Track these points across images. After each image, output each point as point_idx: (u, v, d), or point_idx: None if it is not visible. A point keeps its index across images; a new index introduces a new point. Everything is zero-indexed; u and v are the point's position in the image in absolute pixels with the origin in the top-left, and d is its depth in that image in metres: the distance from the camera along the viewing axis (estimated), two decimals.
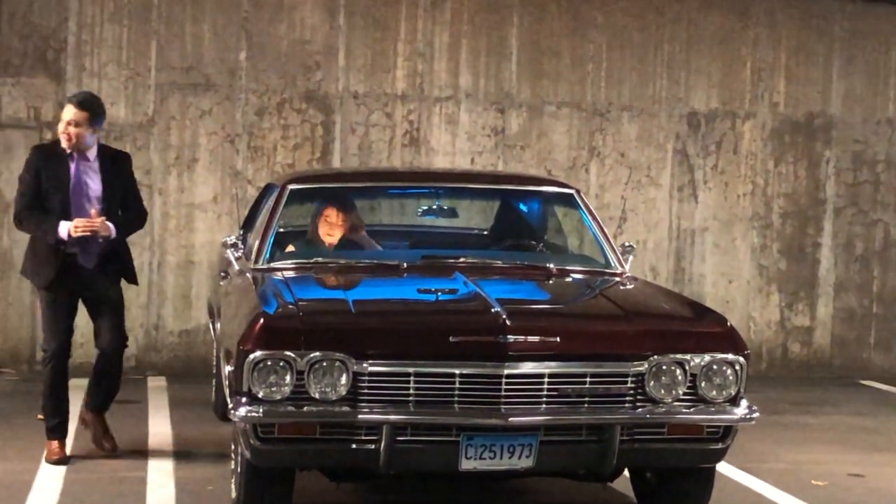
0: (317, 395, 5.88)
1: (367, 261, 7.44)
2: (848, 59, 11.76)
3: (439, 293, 6.80)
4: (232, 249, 7.65)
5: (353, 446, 5.94)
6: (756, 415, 6.23)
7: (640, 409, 6.07)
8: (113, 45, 10.72)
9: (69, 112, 7.56)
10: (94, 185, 7.63)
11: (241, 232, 8.53)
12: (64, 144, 7.54)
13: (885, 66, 11.84)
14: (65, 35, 10.66)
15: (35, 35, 10.65)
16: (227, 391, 6.44)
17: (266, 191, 8.58)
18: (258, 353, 5.87)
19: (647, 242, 11.46)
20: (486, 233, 8.80)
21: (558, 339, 6.05)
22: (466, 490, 7.07)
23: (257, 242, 7.46)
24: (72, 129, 7.50)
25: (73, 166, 7.55)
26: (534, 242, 8.06)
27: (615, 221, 11.36)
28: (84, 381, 10.18)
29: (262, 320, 6.03)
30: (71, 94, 7.96)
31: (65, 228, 7.44)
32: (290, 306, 6.27)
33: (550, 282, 7.27)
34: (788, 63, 11.68)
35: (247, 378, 5.87)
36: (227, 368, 6.36)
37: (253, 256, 7.37)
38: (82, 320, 10.67)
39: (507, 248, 7.92)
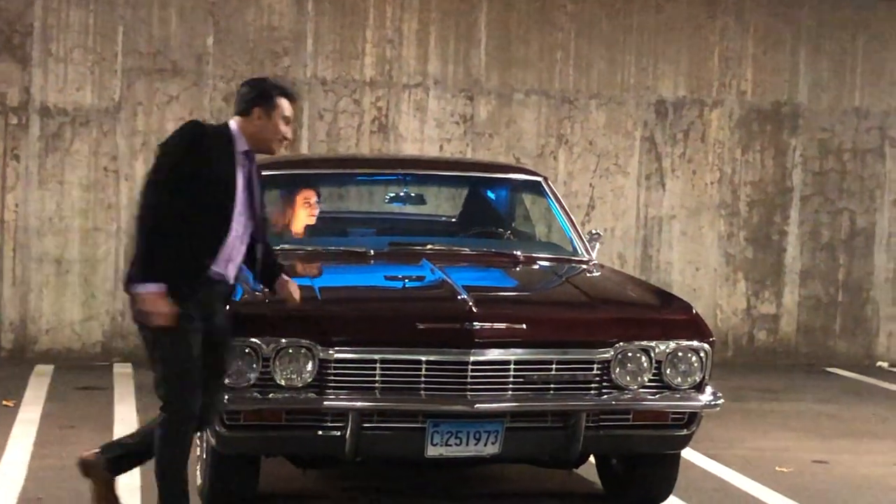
0: (283, 382, 5.88)
1: (333, 248, 7.43)
2: (815, 48, 11.81)
3: (406, 280, 6.81)
4: None
5: (319, 433, 5.95)
6: (721, 401, 6.27)
7: (605, 396, 6.10)
8: (79, 29, 10.67)
9: (288, 107, 5.87)
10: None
11: None
12: (275, 148, 5.92)
13: (852, 54, 11.89)
14: (31, 20, 10.59)
15: (0, 19, 10.58)
16: None
17: None
18: None
19: (615, 230, 11.48)
20: (453, 220, 8.80)
21: (524, 326, 6.07)
22: (432, 477, 7.07)
23: None
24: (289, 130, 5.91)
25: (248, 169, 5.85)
26: (501, 230, 8.08)
27: (583, 209, 11.39)
28: (48, 368, 10.18)
29: (228, 307, 6.01)
30: (281, 83, 6.00)
31: None
32: (256, 293, 6.26)
33: (517, 269, 7.29)
34: (756, 52, 11.72)
35: None
36: None
37: None
38: (48, 307, 10.64)
39: (474, 235, 7.92)
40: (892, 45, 11.92)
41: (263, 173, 7.74)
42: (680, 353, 6.17)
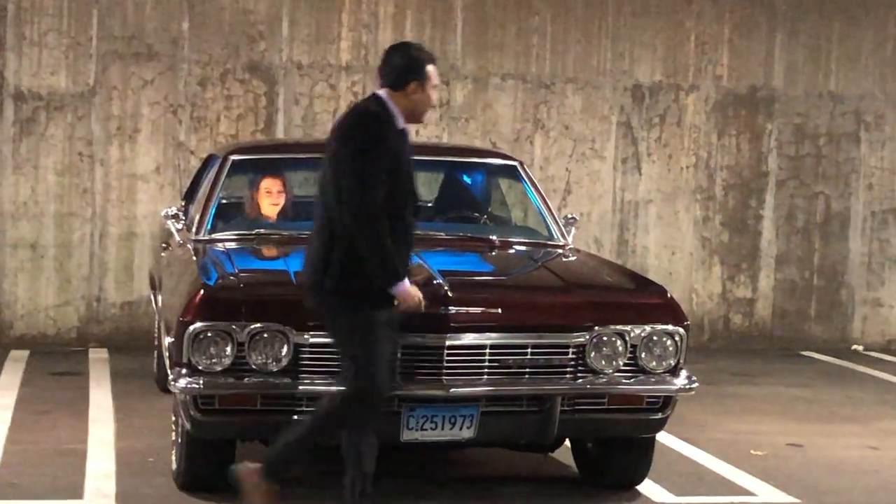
0: (257, 367, 5.88)
1: (309, 232, 7.39)
2: (790, 33, 11.82)
3: None
4: (173, 221, 7.62)
5: (295, 417, 5.94)
6: (695, 385, 6.29)
7: (580, 380, 6.11)
8: (54, 13, 10.60)
9: (436, 73, 5.63)
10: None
11: (183, 203, 8.50)
12: (424, 119, 5.77)
13: (827, 39, 11.90)
14: (4, 3, 10.52)
15: None
16: (167, 363, 6.42)
17: (208, 162, 8.54)
18: (198, 325, 5.86)
19: (591, 214, 11.49)
20: (429, 204, 8.79)
21: (500, 311, 6.08)
22: (408, 461, 7.08)
23: (199, 214, 7.44)
24: None
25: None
26: (477, 214, 8.07)
27: (559, 194, 11.39)
28: (23, 353, 10.14)
29: (202, 291, 6.01)
30: (425, 48, 5.79)
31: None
32: (231, 277, 6.26)
33: (493, 254, 7.30)
34: (732, 36, 11.73)
35: (187, 349, 5.86)
36: (168, 340, 6.34)
37: (194, 228, 7.34)
38: (23, 293, 10.60)
39: (450, 219, 7.92)
40: (868, 29, 11.94)
41: (237, 158, 7.79)
42: (655, 337, 6.19)
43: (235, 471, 5.74)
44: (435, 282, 6.15)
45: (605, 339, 6.13)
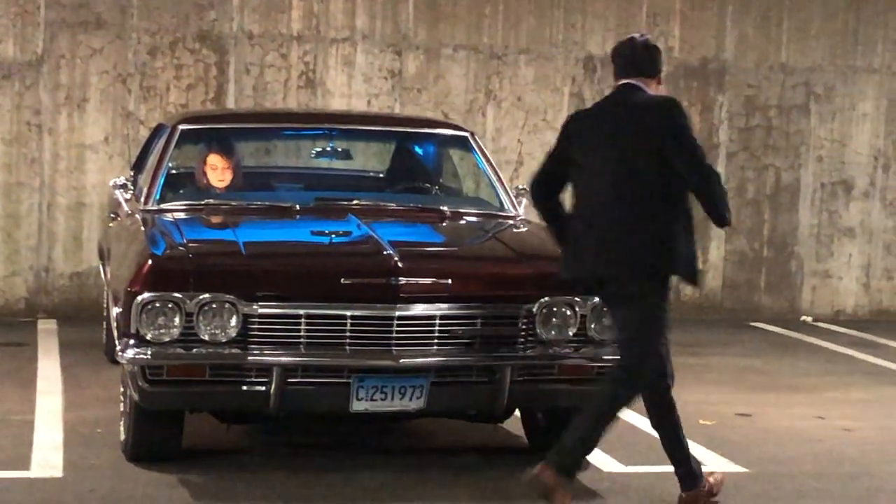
0: (206, 337, 5.86)
1: (259, 203, 7.37)
2: (742, 5, 11.85)
3: (332, 235, 6.80)
4: (121, 191, 7.58)
5: (244, 388, 5.94)
6: None
7: (530, 351, 6.14)
8: None
9: None
10: None
11: (132, 173, 8.44)
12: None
13: (778, 11, 11.94)
14: None
15: None
16: (115, 333, 6.38)
17: (157, 131, 8.48)
18: (146, 295, 5.83)
19: None
20: (381, 175, 8.78)
21: (450, 281, 6.09)
22: (358, 432, 7.08)
23: (147, 184, 7.39)
24: None
25: None
26: (428, 185, 8.07)
27: (512, 165, 11.39)
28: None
29: (150, 261, 5.99)
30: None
31: None
32: (180, 247, 6.23)
33: (444, 224, 7.29)
34: (683, 8, 11.74)
35: (135, 320, 5.84)
36: (116, 310, 6.30)
37: (143, 198, 7.30)
38: None
39: (401, 190, 7.92)
40: (818, 1, 11.99)
41: (186, 127, 7.73)
42: (604, 308, 6.20)
43: (529, 477, 5.64)
44: (385, 252, 6.14)
45: (554, 309, 6.15)
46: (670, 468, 6.11)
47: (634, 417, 7.71)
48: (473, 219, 7.47)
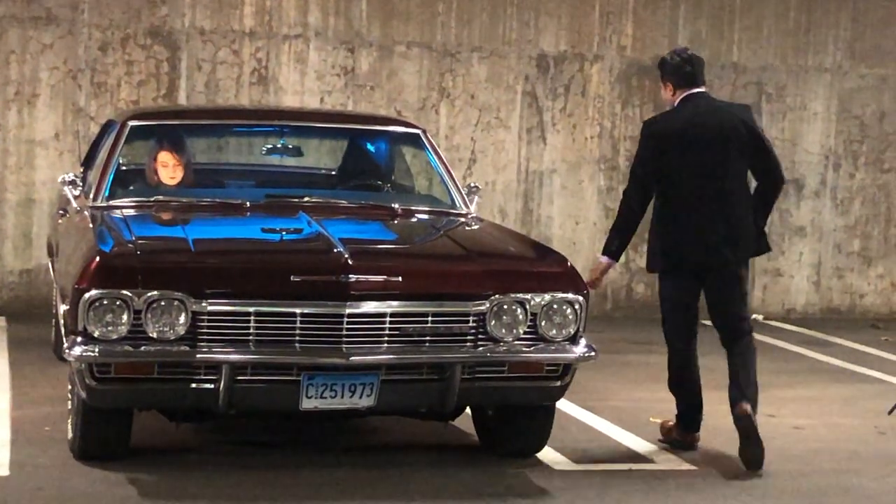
0: (154, 335, 5.82)
1: (209, 200, 7.33)
2: (694, 4, 11.89)
3: (282, 232, 6.76)
4: (70, 187, 7.51)
5: (193, 386, 5.91)
6: (595, 353, 6.33)
7: (481, 348, 6.13)
8: None
9: None
10: None
11: (82, 169, 8.38)
12: None
13: (730, 11, 11.99)
14: None
15: None
16: (63, 331, 6.33)
17: (106, 127, 8.41)
18: (94, 292, 5.79)
19: (496, 184, 11.50)
20: (332, 173, 8.76)
21: (400, 279, 6.07)
22: (307, 430, 7.05)
23: (97, 180, 7.33)
24: None
25: None
26: (380, 183, 8.05)
27: (465, 163, 11.39)
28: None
29: (97, 258, 5.94)
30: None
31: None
32: (128, 244, 6.19)
33: (395, 222, 7.28)
34: (636, 7, 11.77)
35: (82, 317, 5.79)
36: (63, 308, 6.25)
37: (92, 194, 7.24)
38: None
39: (352, 188, 7.91)
40: (769, 1, 12.05)
41: (135, 124, 7.67)
42: (555, 306, 6.21)
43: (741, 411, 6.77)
44: (335, 250, 6.12)
45: (505, 307, 6.15)
46: (621, 466, 6.14)
47: (585, 415, 7.73)
48: (425, 216, 7.46)
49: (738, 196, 6.88)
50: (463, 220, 7.41)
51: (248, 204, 7.15)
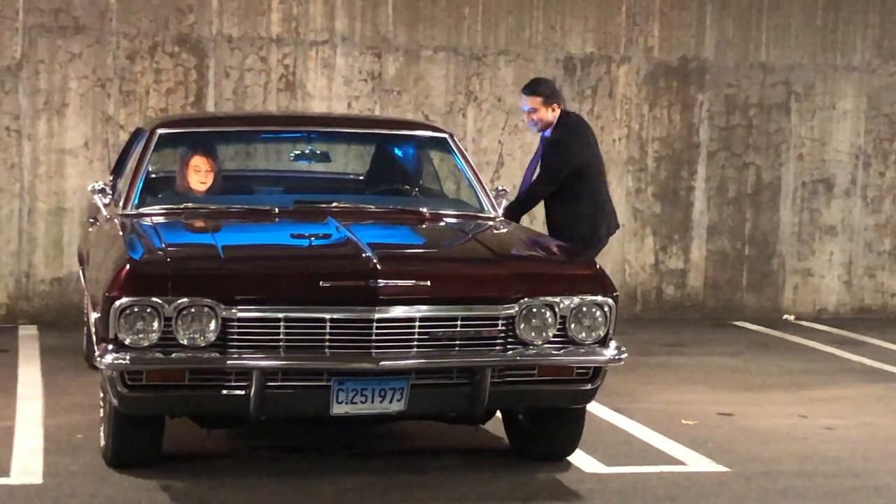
0: (185, 342, 5.84)
1: (238, 206, 7.36)
2: (721, 4, 11.86)
3: (311, 238, 6.77)
4: (100, 195, 7.55)
5: (223, 392, 5.92)
6: (625, 356, 6.31)
7: (510, 352, 6.11)
8: None
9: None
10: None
11: (111, 178, 8.42)
12: None
13: (758, 10, 11.95)
14: None
15: None
16: (94, 339, 6.36)
17: (136, 135, 8.45)
18: (124, 300, 5.80)
19: None
20: (360, 178, 8.77)
21: (429, 283, 6.07)
22: (338, 435, 7.06)
23: (126, 188, 7.36)
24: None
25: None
26: (408, 187, 8.06)
27: (492, 166, 11.39)
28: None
29: (128, 266, 5.96)
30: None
31: None
32: (158, 252, 6.21)
33: (423, 226, 7.28)
34: (663, 7, 11.75)
35: (113, 325, 5.81)
36: (94, 315, 6.28)
37: (121, 202, 7.27)
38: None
39: (380, 192, 7.92)
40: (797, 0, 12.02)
41: (164, 132, 7.71)
42: (584, 308, 6.20)
43: None
44: (364, 255, 6.13)
45: (534, 310, 6.14)
46: (652, 468, 6.11)
47: (617, 417, 7.72)
48: (453, 220, 7.46)
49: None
50: (491, 223, 7.41)
51: (276, 210, 7.16)
